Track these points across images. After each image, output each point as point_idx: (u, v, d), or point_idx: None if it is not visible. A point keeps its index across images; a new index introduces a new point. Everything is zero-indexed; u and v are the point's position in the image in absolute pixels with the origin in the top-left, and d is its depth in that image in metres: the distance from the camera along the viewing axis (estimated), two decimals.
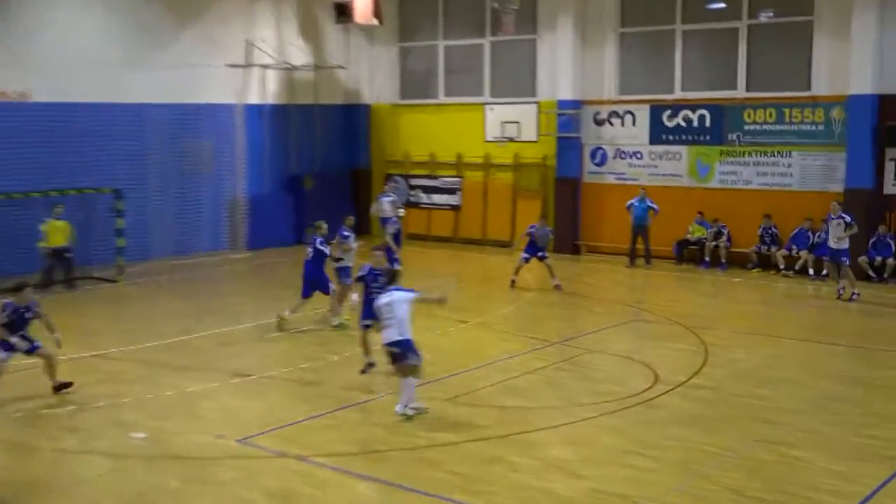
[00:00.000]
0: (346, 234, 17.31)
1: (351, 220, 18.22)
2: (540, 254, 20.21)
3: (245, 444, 10.82)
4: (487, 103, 26.45)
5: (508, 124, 25.69)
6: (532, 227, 20.54)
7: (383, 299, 11.81)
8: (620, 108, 24.69)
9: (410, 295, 11.79)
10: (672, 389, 12.83)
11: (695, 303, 19.37)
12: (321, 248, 16.65)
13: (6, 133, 20.98)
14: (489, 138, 26.02)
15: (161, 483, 9.77)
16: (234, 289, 21.78)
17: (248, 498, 9.38)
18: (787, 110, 22.22)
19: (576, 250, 25.21)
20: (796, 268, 21.63)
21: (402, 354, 11.58)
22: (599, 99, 24.95)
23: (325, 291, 16.61)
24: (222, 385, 13.23)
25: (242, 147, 25.80)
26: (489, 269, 22.99)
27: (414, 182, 28.24)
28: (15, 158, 21.05)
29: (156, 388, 13.05)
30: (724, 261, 22.69)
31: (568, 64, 24.87)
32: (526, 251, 20.34)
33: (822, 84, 21.78)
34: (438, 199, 27.60)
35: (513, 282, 20.26)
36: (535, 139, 25.38)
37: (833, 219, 18.89)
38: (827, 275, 20.83)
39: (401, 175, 28.47)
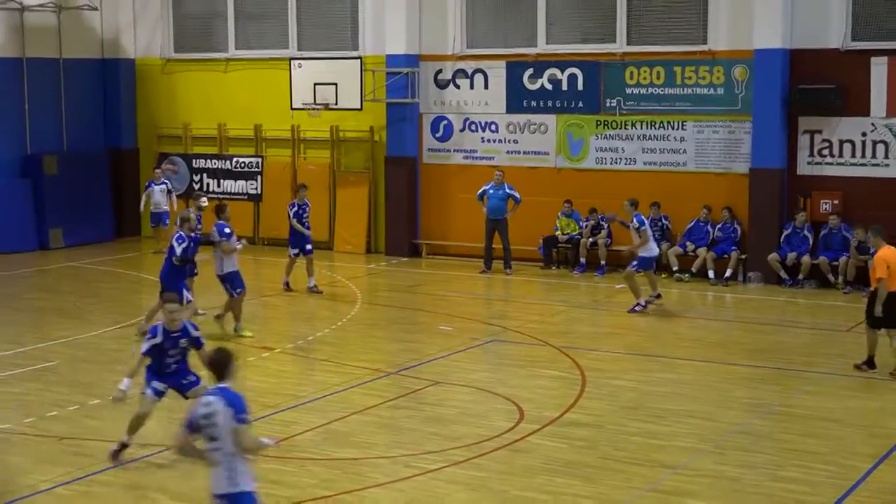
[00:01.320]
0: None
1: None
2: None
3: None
4: (294, 58, 26.23)
5: (323, 86, 25.56)
6: None
7: (200, 408, 8.59)
8: (469, 66, 25.03)
9: (243, 415, 8.56)
10: (541, 428, 13.06)
11: (568, 317, 19.77)
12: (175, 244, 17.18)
13: None
14: (298, 105, 25.84)
15: None
16: None
17: None
18: (677, 69, 22.99)
19: (414, 252, 25.49)
20: (693, 269, 22.38)
21: None
22: (442, 55, 25.23)
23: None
24: None
25: None
26: (299, 278, 22.95)
27: (198, 164, 27.92)
28: None
29: None
30: (603, 262, 23.31)
31: (401, 8, 25.08)
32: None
33: (722, 37, 22.59)
34: (232, 186, 27.37)
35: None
36: (358, 106, 25.36)
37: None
38: (729, 277, 21.78)
39: (179, 155, 28.07)
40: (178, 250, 17.28)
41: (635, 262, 19.50)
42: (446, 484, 11.46)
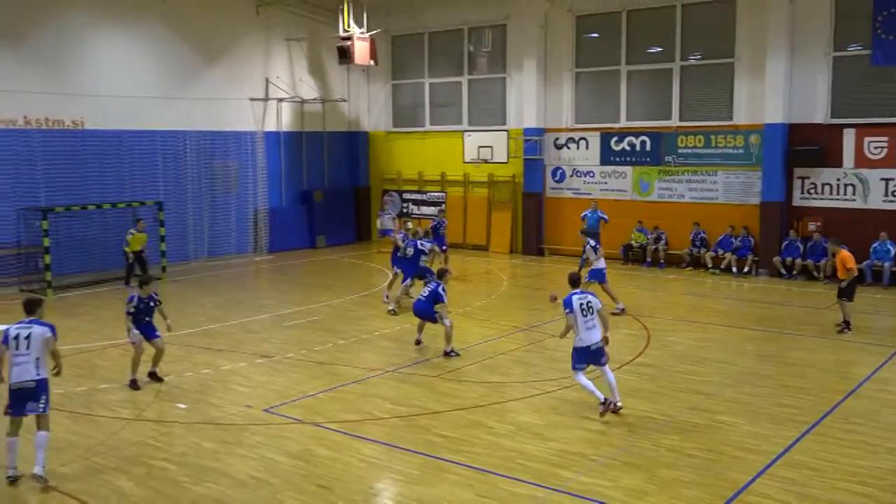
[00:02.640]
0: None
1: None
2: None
3: (269, 413, 10.92)
4: (466, 131, 26.45)
5: (483, 148, 25.74)
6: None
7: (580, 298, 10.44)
8: (576, 135, 24.79)
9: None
10: (620, 367, 12.97)
11: (638, 296, 19.48)
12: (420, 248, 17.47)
13: (66, 155, 20.95)
14: (467, 160, 26.07)
15: (199, 445, 9.86)
16: (257, 285, 21.77)
17: (273, 458, 9.47)
18: (713, 137, 22.37)
19: (540, 253, 25.35)
20: (721, 266, 21.81)
21: None
22: (559, 127, 25.03)
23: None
24: (249, 364, 13.30)
25: (263, 167, 25.77)
26: (468, 267, 23.09)
27: (406, 196, 28.32)
28: (73, 177, 21.05)
29: (194, 367, 13.11)
30: (661, 261, 22.85)
31: (532, 98, 24.96)
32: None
33: (742, 115, 21.96)
34: (426, 209, 27.67)
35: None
36: (505, 160, 25.40)
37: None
38: (746, 272, 21.11)
39: (395, 190, 28.54)
40: (400, 242, 17.77)
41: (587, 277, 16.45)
42: (559, 400, 11.46)
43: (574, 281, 11.39)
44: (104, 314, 17.11)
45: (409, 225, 20.55)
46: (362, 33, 24.04)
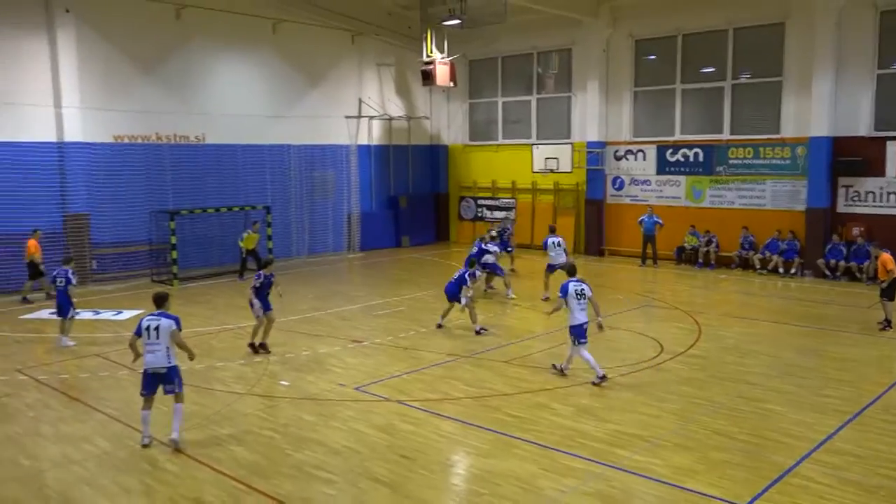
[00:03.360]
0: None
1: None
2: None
3: (360, 391, 11.07)
4: (534, 144, 26.32)
5: (550, 159, 25.56)
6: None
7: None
8: (634, 148, 24.35)
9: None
10: (674, 357, 12.71)
11: (691, 294, 19.01)
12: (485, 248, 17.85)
13: (189, 166, 21.66)
14: (535, 169, 25.93)
15: (300, 417, 10.06)
16: (350, 279, 22.09)
17: (362, 430, 9.59)
18: (761, 149, 21.67)
19: (601, 254, 24.99)
20: (768, 268, 21.10)
21: None
22: (619, 140, 24.62)
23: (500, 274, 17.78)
24: (343, 348, 13.51)
25: (355, 176, 26.09)
26: (535, 266, 22.91)
27: (480, 202, 28.30)
28: (195, 184, 21.75)
29: (295, 349, 13.38)
30: (713, 262, 22.22)
31: (595, 114, 24.62)
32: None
33: (790, 128, 21.21)
34: (498, 214, 27.57)
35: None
36: (570, 170, 25.18)
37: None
38: (792, 273, 20.39)
39: (470, 197, 28.54)
40: (475, 250, 17.95)
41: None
42: (616, 386, 11.28)
43: (571, 270, 11.80)
44: (219, 302, 17.64)
45: (493, 232, 20.35)
46: (443, 58, 24.16)
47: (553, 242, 17.54)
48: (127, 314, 16.30)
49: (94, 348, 13.49)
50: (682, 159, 23.32)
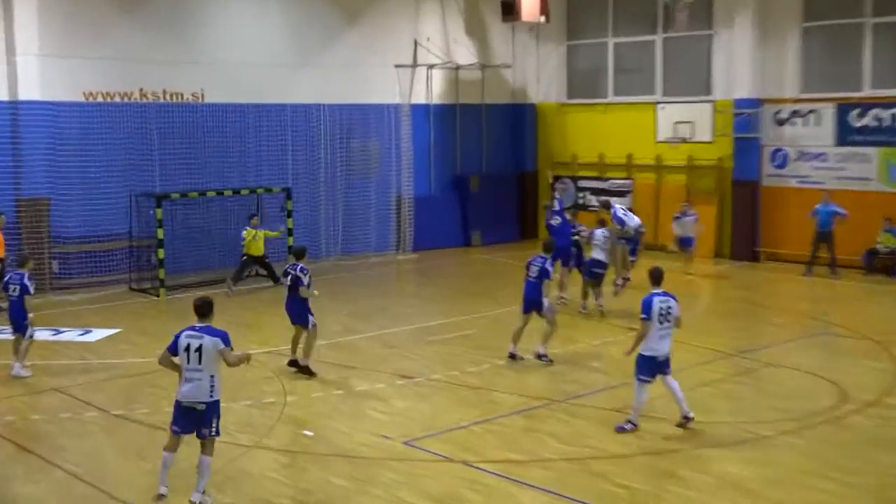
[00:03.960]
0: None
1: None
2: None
3: (410, 446, 11.02)
4: (659, 102, 26.00)
5: (681, 124, 25.19)
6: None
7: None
8: (803, 107, 23.82)
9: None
10: (861, 409, 12.24)
11: (887, 317, 18.36)
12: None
13: (183, 134, 22.10)
14: (661, 139, 25.57)
15: (328, 481, 10.06)
16: (399, 290, 22.18)
17: (412, 501, 9.53)
18: None
19: (754, 257, 24.47)
20: None
21: None
22: (780, 97, 24.15)
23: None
24: (388, 386, 13.51)
25: (409, 147, 26.20)
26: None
27: (582, 184, 28.04)
28: (191, 158, 22.19)
29: (323, 386, 13.45)
30: None
31: (746, 60, 24.25)
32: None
33: None
34: (615, 201, 27.23)
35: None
36: (709, 140, 24.78)
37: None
38: None
39: (568, 176, 28.32)
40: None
41: None
42: (777, 448, 10.99)
43: (657, 278, 11.60)
44: (219, 320, 17.74)
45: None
46: None
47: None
48: (97, 334, 16.65)
49: (52, 380, 13.82)
50: (873, 124, 22.72)
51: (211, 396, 9.32)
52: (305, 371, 13.80)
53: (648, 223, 26.16)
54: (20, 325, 13.83)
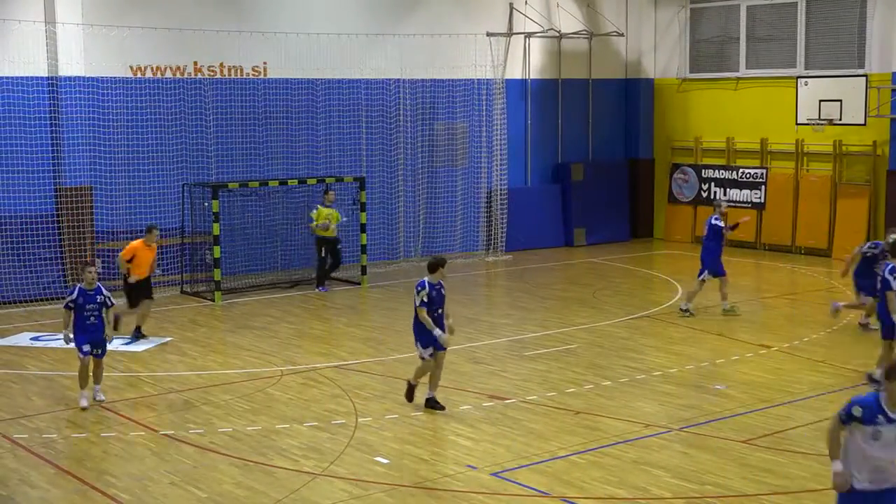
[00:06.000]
0: None
1: None
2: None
3: (499, 478, 11.09)
4: (801, 77, 25.61)
5: (827, 103, 24.76)
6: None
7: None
8: None
9: None
10: None
11: None
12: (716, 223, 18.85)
13: (242, 113, 22.60)
14: (802, 120, 25.20)
15: None
16: (490, 297, 22.25)
17: None
18: None
19: None
20: None
21: None
22: None
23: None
24: (475, 408, 13.60)
25: (502, 130, 26.33)
26: (799, 282, 22.29)
27: (706, 174, 27.81)
28: (251, 142, 22.67)
29: (400, 407, 13.60)
30: None
31: None
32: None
33: None
34: (737, 195, 26.97)
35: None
36: (862, 122, 24.35)
37: None
38: None
39: (690, 165, 28.11)
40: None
41: None
42: None
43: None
44: (284, 329, 18.24)
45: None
46: None
47: None
48: (145, 343, 17.15)
49: (95, 395, 14.27)
50: None
51: None
52: (433, 404, 13.52)
53: (785, 222, 25.95)
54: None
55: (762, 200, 26.59)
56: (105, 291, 13.81)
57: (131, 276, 17.11)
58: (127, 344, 16.89)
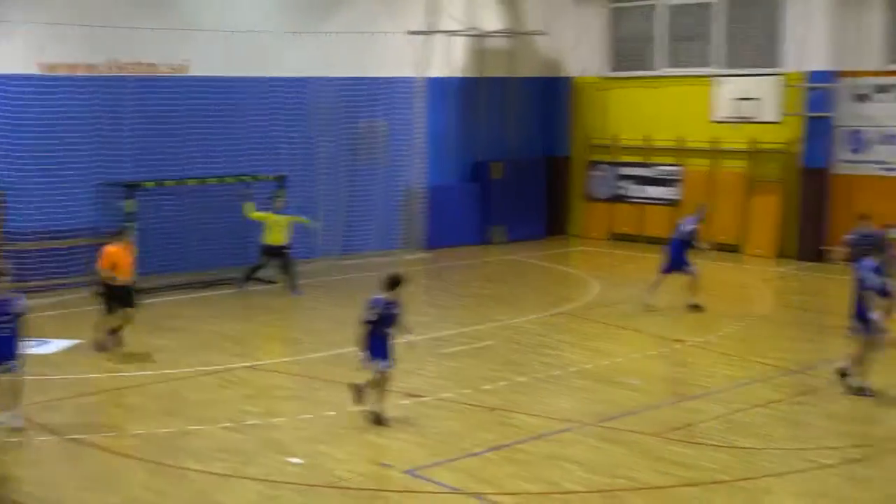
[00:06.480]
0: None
1: None
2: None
3: (413, 476, 11.08)
4: (717, 75, 25.95)
5: (743, 101, 25.14)
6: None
7: None
8: (890, 81, 23.85)
9: None
10: None
11: None
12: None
13: (160, 113, 22.27)
14: (718, 118, 25.55)
15: None
16: (406, 294, 22.15)
17: None
18: None
19: (818, 257, 24.40)
20: None
21: None
22: (862, 70, 24.15)
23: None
24: (391, 406, 13.58)
25: (422, 128, 26.28)
26: (712, 278, 22.57)
27: (623, 171, 28.08)
28: (168, 141, 22.36)
29: (315, 406, 13.55)
30: None
31: (822, 26, 24.32)
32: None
33: None
34: (653, 191, 27.29)
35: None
36: (777, 120, 24.75)
37: None
38: None
39: (608, 162, 28.35)
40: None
41: None
42: (841, 479, 11.05)
43: None
44: (203, 329, 18.06)
45: None
46: None
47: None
48: (55, 345, 16.82)
49: (2, 399, 13.97)
50: None
51: None
52: (380, 421, 12.86)
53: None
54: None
55: (677, 197, 26.91)
56: (20, 301, 12.79)
57: (117, 280, 16.23)
58: (37, 347, 16.57)
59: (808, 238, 24.67)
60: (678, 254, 19.23)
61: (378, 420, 12.76)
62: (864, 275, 13.68)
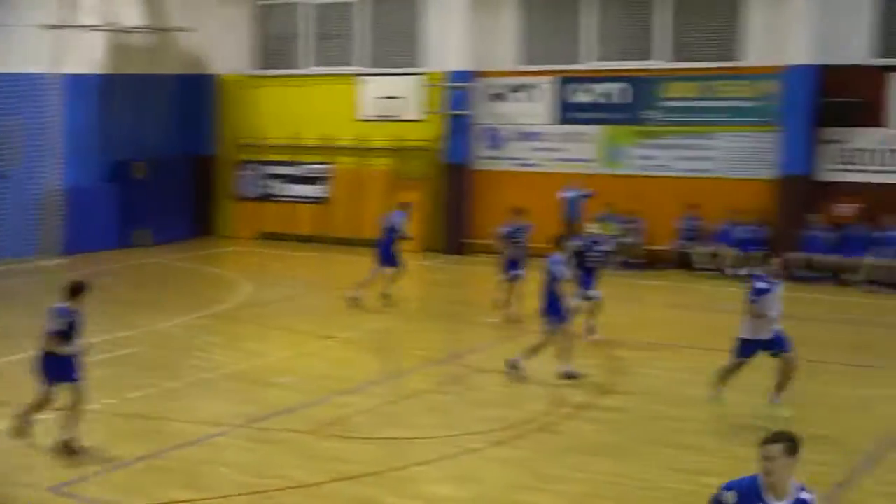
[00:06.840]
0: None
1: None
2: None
3: (59, 494, 10.63)
4: (361, 75, 26.42)
5: (388, 100, 25.74)
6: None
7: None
8: (521, 81, 25.04)
9: None
10: (575, 412, 13.02)
11: (602, 312, 19.55)
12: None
13: None
14: (364, 117, 26.04)
15: None
16: (42, 303, 20.93)
17: None
18: (713, 84, 22.79)
19: (459, 250, 25.46)
20: (726, 268, 22.28)
21: None
22: (496, 70, 25.24)
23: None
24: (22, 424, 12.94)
25: (58, 127, 25.25)
26: (361, 273, 22.98)
27: (272, 170, 28.12)
28: None
29: None
30: (632, 261, 23.13)
31: (460, 27, 25.18)
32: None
33: (754, 53, 22.38)
34: (302, 190, 27.48)
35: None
36: (419, 118, 25.49)
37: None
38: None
39: (257, 161, 28.27)
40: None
41: None
42: (486, 462, 11.50)
43: None
44: None
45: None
46: None
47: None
48: None
49: None
50: (593, 100, 24.21)
51: None
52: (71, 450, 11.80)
53: (349, 214, 26.70)
54: None
55: (326, 195, 27.24)
56: None
57: None
58: None
59: (452, 232, 25.59)
60: (386, 249, 19.55)
61: (70, 449, 11.78)
62: (553, 269, 14.45)
